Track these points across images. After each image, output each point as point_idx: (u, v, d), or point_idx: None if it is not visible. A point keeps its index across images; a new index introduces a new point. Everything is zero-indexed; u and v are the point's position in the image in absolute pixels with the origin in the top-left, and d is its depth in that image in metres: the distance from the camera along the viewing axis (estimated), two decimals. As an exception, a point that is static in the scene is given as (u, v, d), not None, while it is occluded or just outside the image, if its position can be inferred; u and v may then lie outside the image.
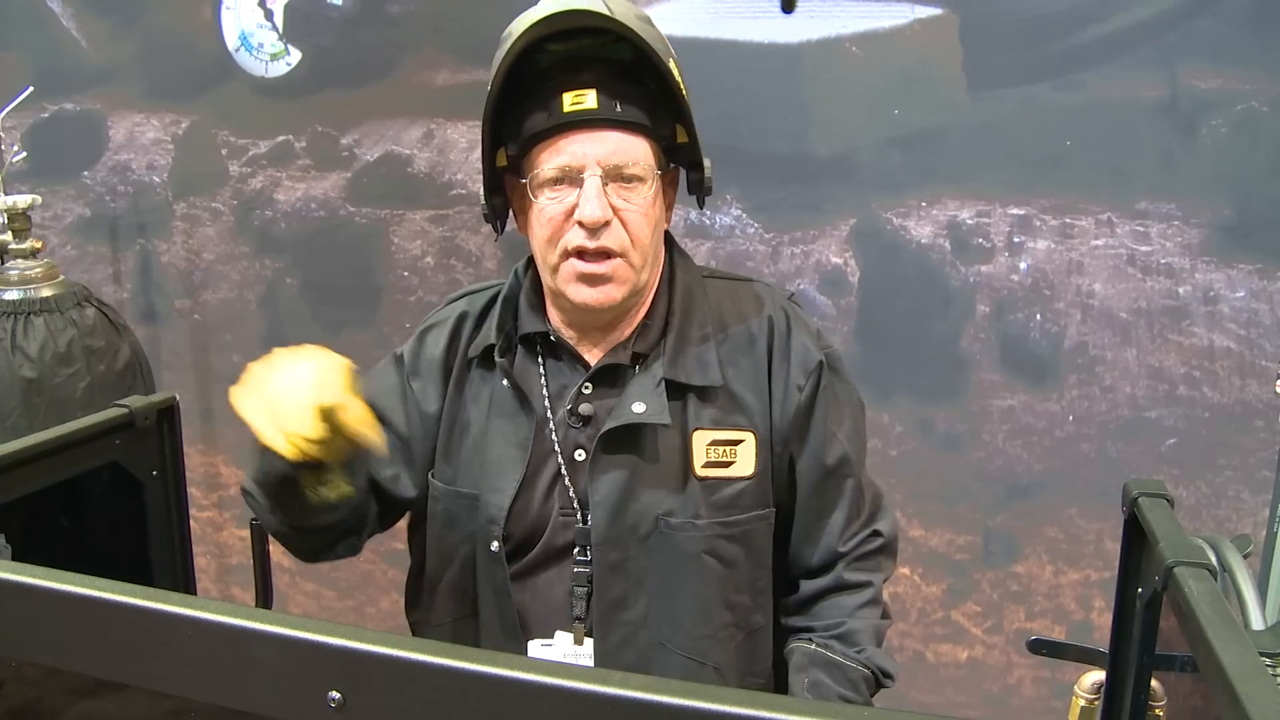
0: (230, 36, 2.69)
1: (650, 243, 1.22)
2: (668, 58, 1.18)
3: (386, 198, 2.63)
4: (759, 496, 1.27)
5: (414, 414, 1.32)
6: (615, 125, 1.18)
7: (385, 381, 1.34)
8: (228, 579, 3.04)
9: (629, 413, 1.22)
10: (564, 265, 1.21)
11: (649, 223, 1.21)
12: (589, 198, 1.17)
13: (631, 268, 1.21)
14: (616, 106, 1.17)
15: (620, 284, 1.21)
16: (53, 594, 0.73)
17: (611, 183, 1.18)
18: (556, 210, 1.19)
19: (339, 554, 1.32)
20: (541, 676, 0.60)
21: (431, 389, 1.32)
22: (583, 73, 1.18)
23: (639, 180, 1.19)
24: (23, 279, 2.18)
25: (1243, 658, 0.63)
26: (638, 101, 1.19)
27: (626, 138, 1.18)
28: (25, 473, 1.14)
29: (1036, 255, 2.15)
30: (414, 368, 1.34)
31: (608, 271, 1.19)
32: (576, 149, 1.17)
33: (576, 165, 1.18)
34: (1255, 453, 2.08)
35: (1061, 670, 1.89)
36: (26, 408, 2.11)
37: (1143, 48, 2.02)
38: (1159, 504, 0.99)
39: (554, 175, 1.19)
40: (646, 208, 1.20)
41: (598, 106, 1.16)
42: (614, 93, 1.17)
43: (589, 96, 1.16)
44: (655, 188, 1.21)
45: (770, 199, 2.30)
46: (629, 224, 1.19)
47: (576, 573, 1.25)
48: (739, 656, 1.30)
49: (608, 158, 1.17)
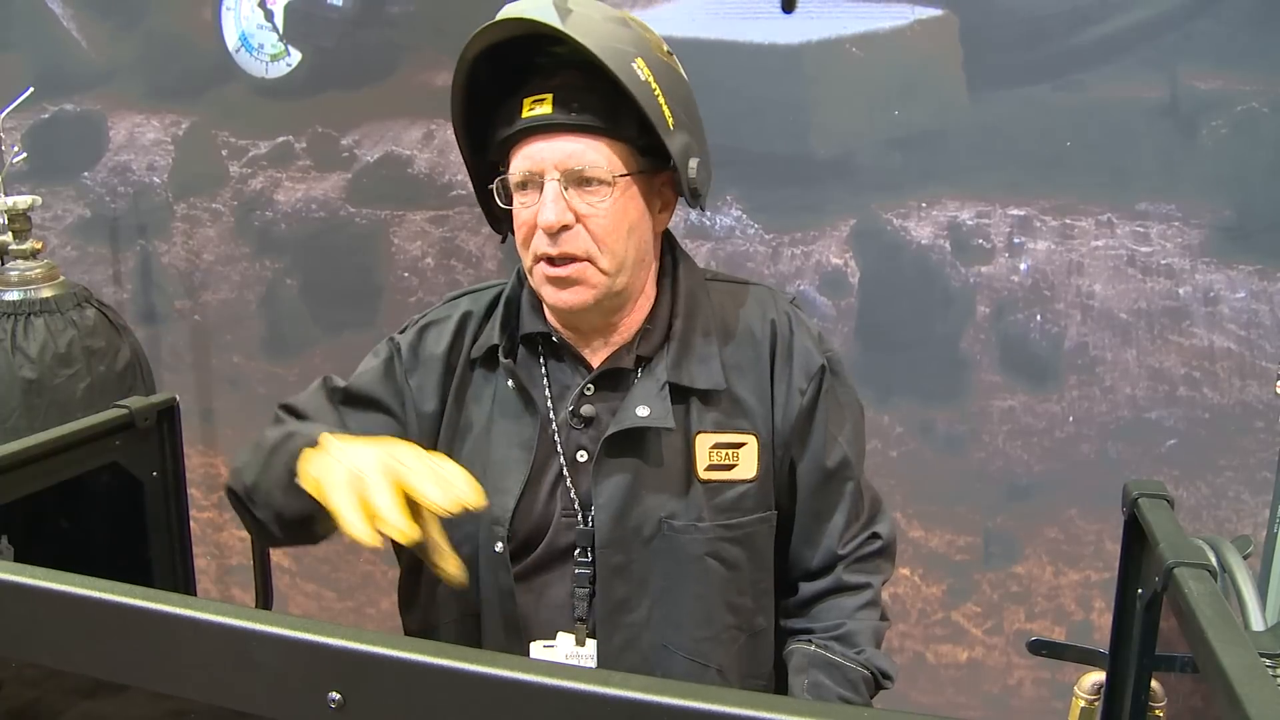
0: (230, 37, 2.69)
1: (624, 246, 1.21)
2: (633, 58, 1.15)
3: (387, 198, 2.63)
4: (761, 499, 1.28)
5: (410, 412, 1.31)
6: (571, 130, 1.17)
7: (380, 375, 1.33)
8: (228, 580, 3.04)
9: (633, 416, 1.22)
10: (535, 269, 1.21)
11: (617, 226, 1.19)
12: (544, 202, 1.17)
13: (601, 271, 1.20)
14: (572, 111, 1.17)
15: (588, 287, 1.20)
16: (53, 595, 0.73)
17: (571, 187, 1.18)
18: (527, 215, 1.20)
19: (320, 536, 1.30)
20: (543, 678, 0.60)
21: (430, 387, 1.31)
22: (553, 77, 1.18)
23: (601, 183, 1.18)
24: (23, 280, 2.18)
25: (1243, 658, 0.63)
26: (599, 105, 1.18)
27: (585, 141, 1.18)
28: (26, 473, 1.14)
29: (1036, 256, 2.15)
30: (412, 364, 1.33)
31: (573, 274, 1.19)
32: (535, 154, 1.18)
33: (536, 170, 1.18)
34: (1255, 453, 2.08)
35: (1062, 671, 1.89)
36: (27, 408, 2.11)
37: (1143, 48, 2.02)
38: (1159, 505, 0.99)
39: (519, 180, 1.20)
40: (613, 211, 1.19)
41: (552, 111, 1.17)
42: (572, 97, 1.17)
43: (545, 102, 1.17)
44: (627, 190, 1.20)
45: (770, 200, 2.30)
46: (593, 228, 1.18)
47: (578, 574, 1.25)
48: (741, 658, 1.30)
49: (564, 161, 1.17)
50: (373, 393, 1.32)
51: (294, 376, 2.72)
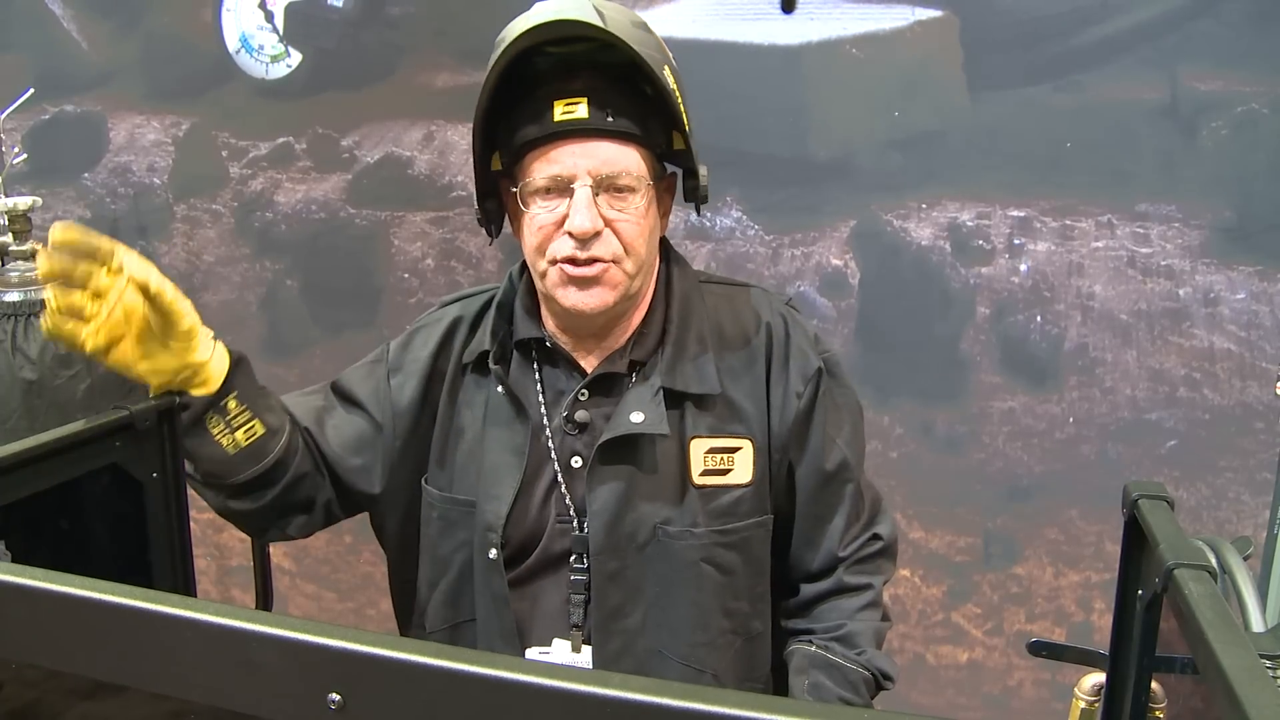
0: (231, 38, 2.69)
1: (645, 250, 1.21)
2: (663, 64, 1.16)
3: (387, 200, 2.63)
4: (756, 504, 1.27)
5: (386, 409, 1.32)
6: (606, 135, 1.16)
7: (365, 375, 1.35)
8: (228, 581, 3.04)
9: (627, 423, 1.21)
10: (552, 270, 1.20)
11: (643, 231, 1.20)
12: (579, 209, 1.16)
13: (625, 273, 1.20)
14: (608, 116, 1.16)
15: (611, 288, 1.20)
16: (53, 596, 0.73)
17: (603, 193, 1.17)
18: (547, 220, 1.19)
19: (290, 533, 1.32)
20: (542, 679, 0.60)
21: (410, 385, 1.31)
22: (576, 79, 1.17)
23: (630, 190, 1.18)
24: (23, 280, 2.18)
25: (1243, 660, 0.63)
26: (630, 110, 1.18)
27: (618, 147, 1.17)
28: (25, 475, 1.13)
29: (1037, 257, 2.15)
30: (396, 363, 1.33)
31: (598, 274, 1.18)
32: (567, 159, 1.16)
33: (567, 175, 1.17)
34: (1255, 454, 2.08)
35: (1062, 672, 1.89)
36: (27, 409, 2.11)
37: (1143, 49, 2.02)
38: (1159, 506, 0.99)
39: (545, 185, 1.18)
40: (639, 217, 1.19)
41: (588, 116, 1.15)
42: (606, 101, 1.16)
43: (580, 106, 1.15)
44: (649, 197, 1.20)
45: (770, 201, 2.30)
46: (621, 233, 1.18)
47: (573, 580, 1.25)
48: (737, 663, 1.30)
49: (599, 168, 1.16)
50: (355, 391, 1.33)
51: (294, 377, 2.72)
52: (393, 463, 1.32)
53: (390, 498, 1.34)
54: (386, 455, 1.32)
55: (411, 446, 1.33)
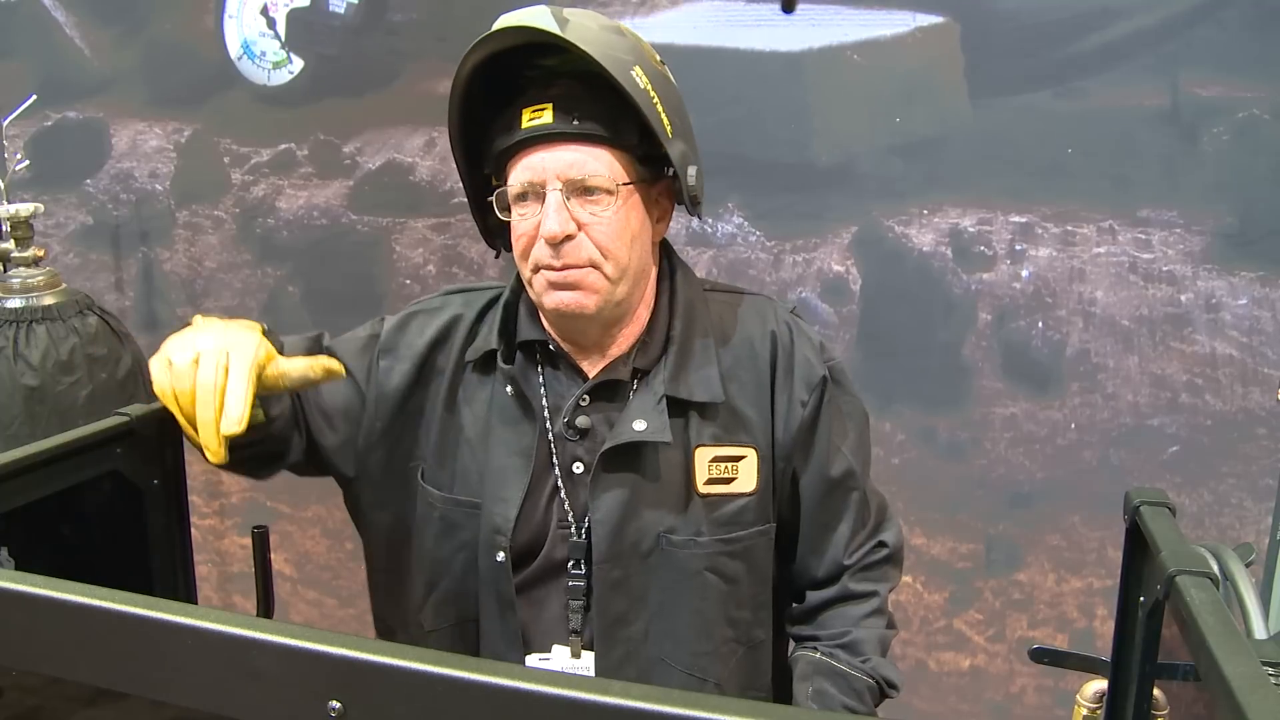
0: (233, 45, 2.70)
1: (628, 254, 1.20)
2: (632, 65, 1.15)
3: (388, 206, 2.64)
4: (760, 512, 1.27)
5: (372, 389, 1.30)
6: (573, 139, 1.17)
7: (358, 347, 1.33)
8: (229, 587, 3.04)
9: (630, 430, 1.21)
10: (536, 279, 1.21)
11: (621, 234, 1.19)
12: (547, 212, 1.16)
13: (605, 278, 1.19)
14: (574, 120, 1.16)
15: (591, 292, 1.19)
16: (54, 603, 0.73)
17: (574, 196, 1.17)
18: (526, 226, 1.19)
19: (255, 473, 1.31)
20: (544, 687, 0.60)
21: (399, 370, 1.30)
22: (551, 88, 1.18)
23: (603, 192, 1.18)
24: (25, 287, 2.18)
25: (1245, 667, 0.63)
26: (601, 114, 1.17)
27: (586, 150, 1.17)
28: (26, 481, 1.14)
29: (1038, 263, 2.15)
30: (389, 344, 1.32)
31: (577, 279, 1.18)
32: (536, 164, 1.17)
33: (538, 180, 1.18)
34: (1258, 460, 2.08)
35: (1064, 679, 1.89)
36: (28, 416, 2.11)
37: (1144, 55, 2.02)
38: (1161, 512, 0.99)
39: (519, 191, 1.19)
40: (616, 220, 1.18)
41: (553, 120, 1.16)
42: (572, 106, 1.17)
43: (546, 112, 1.17)
44: (626, 199, 1.19)
45: (771, 207, 2.30)
46: (596, 237, 1.18)
47: (572, 586, 1.24)
48: (739, 672, 1.29)
49: (565, 171, 1.17)
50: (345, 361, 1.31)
51: (295, 383, 2.72)
52: (370, 444, 1.31)
53: (365, 480, 1.32)
54: (366, 435, 1.30)
55: (392, 432, 1.31)
